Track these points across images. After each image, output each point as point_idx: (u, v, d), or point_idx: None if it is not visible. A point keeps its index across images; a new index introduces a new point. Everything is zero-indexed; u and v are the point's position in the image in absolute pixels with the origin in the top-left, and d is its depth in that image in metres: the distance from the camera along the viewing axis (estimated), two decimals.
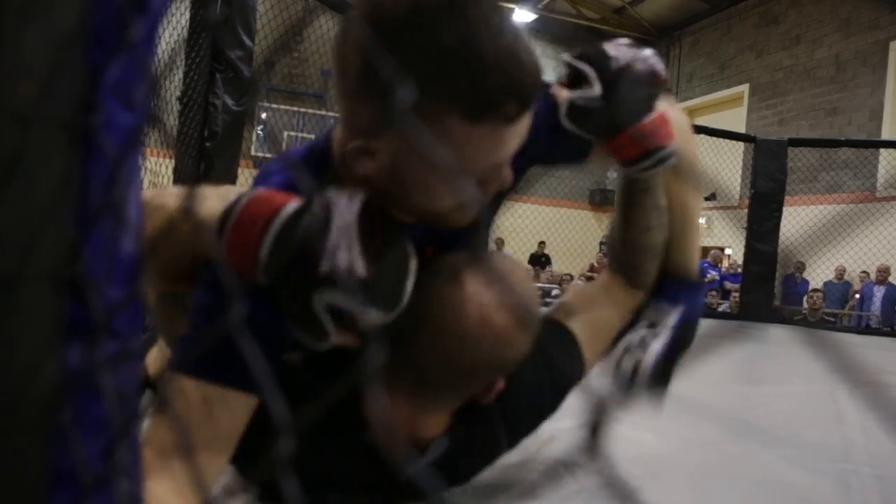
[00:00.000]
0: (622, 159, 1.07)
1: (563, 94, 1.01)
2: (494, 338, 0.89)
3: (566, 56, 1.02)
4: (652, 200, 1.17)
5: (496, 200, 1.09)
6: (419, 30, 0.67)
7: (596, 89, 0.99)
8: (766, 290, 6.05)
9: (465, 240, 0.99)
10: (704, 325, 1.24)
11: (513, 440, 1.10)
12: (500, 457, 1.08)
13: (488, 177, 0.80)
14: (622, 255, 1.22)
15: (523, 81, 0.72)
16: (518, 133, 0.76)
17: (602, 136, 1.04)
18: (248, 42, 2.54)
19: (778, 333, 4.92)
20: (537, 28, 15.02)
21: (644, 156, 1.06)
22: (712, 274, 10.84)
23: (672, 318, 1.18)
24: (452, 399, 0.96)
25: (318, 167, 0.92)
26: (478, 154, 0.75)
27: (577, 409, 1.02)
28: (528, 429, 1.11)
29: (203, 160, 2.39)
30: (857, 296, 10.51)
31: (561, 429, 1.25)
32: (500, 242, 11.14)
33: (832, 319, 9.27)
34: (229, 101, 2.55)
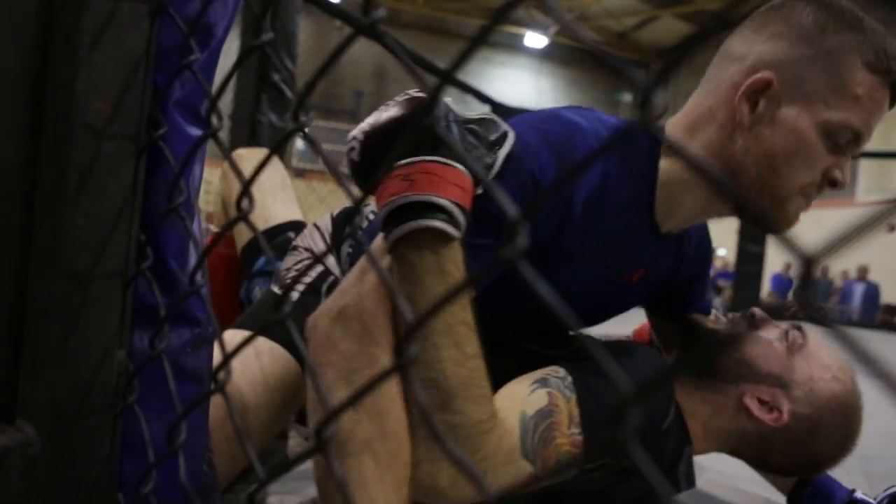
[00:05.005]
0: None
1: None
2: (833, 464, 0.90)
3: None
4: None
5: None
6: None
7: None
8: (755, 288, 5.97)
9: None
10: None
11: None
12: None
13: (843, 157, 0.77)
14: None
15: None
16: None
17: None
18: (290, 65, 2.56)
19: None
20: (547, 52, 14.96)
21: None
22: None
23: None
24: None
25: (639, 150, 0.82)
26: (864, 108, 0.74)
27: None
28: None
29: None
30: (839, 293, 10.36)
31: None
32: None
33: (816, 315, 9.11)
34: (274, 119, 2.58)
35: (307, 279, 1.05)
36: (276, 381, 0.92)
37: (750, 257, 5.86)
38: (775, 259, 8.95)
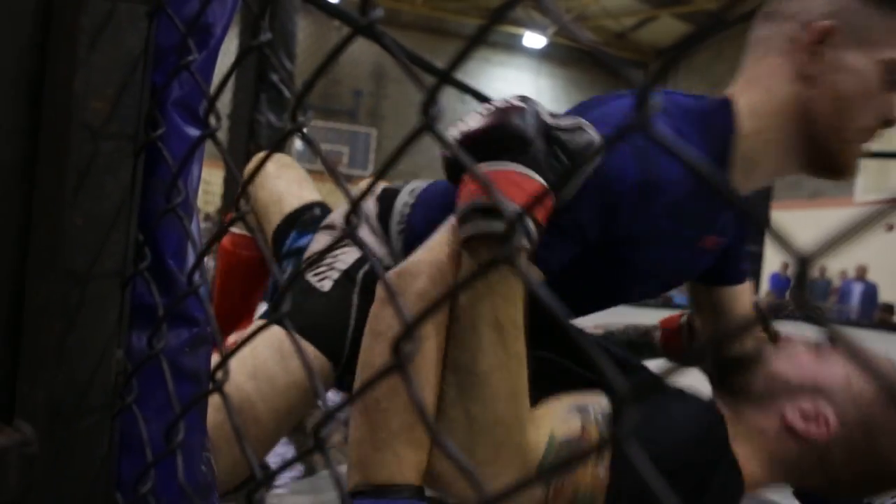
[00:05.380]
0: None
1: None
2: None
3: None
4: None
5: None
6: None
7: None
8: (754, 287, 5.98)
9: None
10: None
11: None
12: None
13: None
14: None
15: None
16: None
17: None
18: (289, 65, 2.56)
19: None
20: (546, 52, 14.96)
21: None
22: None
23: None
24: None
25: (709, 129, 0.84)
26: None
27: None
28: None
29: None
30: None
31: None
32: None
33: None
34: (272, 119, 2.58)
35: (342, 265, 1.02)
36: (300, 380, 0.91)
37: (748, 256, 5.87)
38: (773, 259, 8.96)
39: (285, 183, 1.29)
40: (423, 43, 12.20)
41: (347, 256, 1.03)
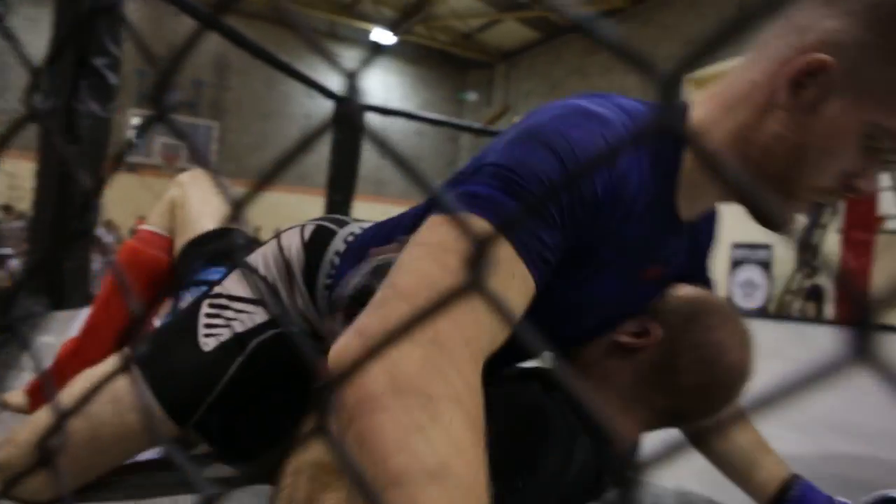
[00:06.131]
0: None
1: None
2: (746, 375, 0.85)
3: None
4: None
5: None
6: None
7: None
8: None
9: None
10: None
11: None
12: None
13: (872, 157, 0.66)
14: None
15: None
16: None
17: None
18: (114, 50, 2.33)
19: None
20: (396, 49, 14.99)
21: None
22: None
23: None
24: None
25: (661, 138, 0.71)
26: None
27: None
28: None
29: (66, 164, 2.16)
30: None
31: None
32: None
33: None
34: (95, 108, 2.33)
35: (239, 326, 0.90)
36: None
37: None
38: None
39: (199, 196, 1.22)
40: (268, 34, 11.73)
41: (250, 318, 0.91)
